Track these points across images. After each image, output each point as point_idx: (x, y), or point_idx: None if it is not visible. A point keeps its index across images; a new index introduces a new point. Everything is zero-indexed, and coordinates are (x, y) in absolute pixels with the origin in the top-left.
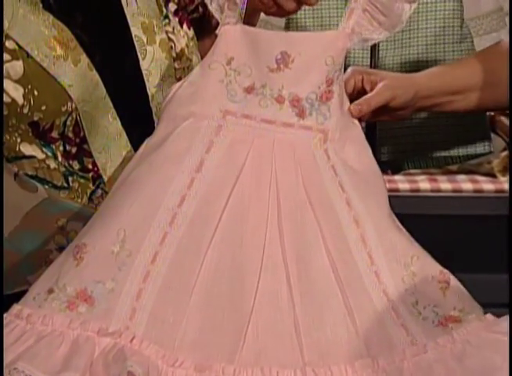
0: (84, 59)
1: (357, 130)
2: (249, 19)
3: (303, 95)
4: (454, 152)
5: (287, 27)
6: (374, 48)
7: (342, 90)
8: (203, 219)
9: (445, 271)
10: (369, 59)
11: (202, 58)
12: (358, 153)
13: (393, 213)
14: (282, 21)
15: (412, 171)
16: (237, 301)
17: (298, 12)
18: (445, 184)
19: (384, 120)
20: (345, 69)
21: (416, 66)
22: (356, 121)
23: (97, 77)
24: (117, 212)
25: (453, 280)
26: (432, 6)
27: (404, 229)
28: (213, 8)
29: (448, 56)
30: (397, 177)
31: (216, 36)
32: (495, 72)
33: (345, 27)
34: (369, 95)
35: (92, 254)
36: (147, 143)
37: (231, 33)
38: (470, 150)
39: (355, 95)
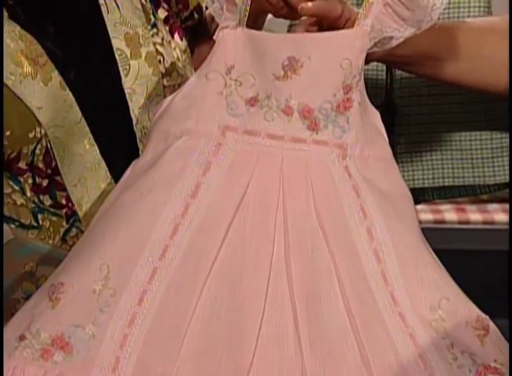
0: (56, 77)
1: (382, 144)
2: (253, 22)
3: (315, 106)
4: (480, 180)
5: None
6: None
7: (363, 97)
8: (198, 253)
9: (484, 316)
10: (384, 69)
11: (197, 69)
12: (384, 171)
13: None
14: (284, 28)
15: (435, 200)
16: (236, 348)
17: None
18: (474, 214)
19: None
20: None
21: (436, 82)
22: (383, 134)
23: (71, 97)
24: (100, 245)
25: (493, 328)
26: (455, 4)
27: (438, 262)
28: (214, 9)
29: None
30: (419, 206)
31: (214, 42)
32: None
33: (363, 24)
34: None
35: (71, 294)
36: (134, 166)
37: (230, 38)
38: (500, 178)
39: None
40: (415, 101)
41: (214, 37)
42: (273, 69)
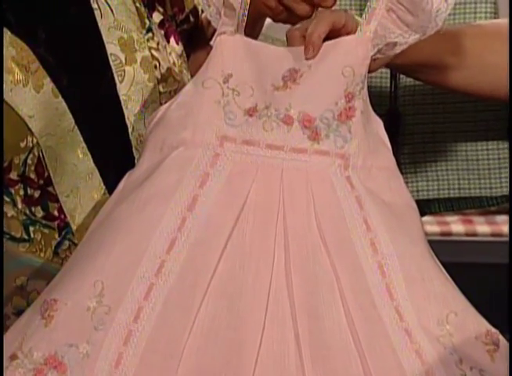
0: (48, 84)
1: (386, 154)
2: (251, 27)
3: (316, 115)
4: (487, 191)
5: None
6: (395, 74)
7: (367, 106)
8: (196, 268)
9: (494, 331)
10: (388, 76)
11: (194, 76)
12: (388, 181)
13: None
14: (283, 34)
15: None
16: (235, 366)
17: None
18: (482, 226)
19: None
20: None
21: (442, 92)
22: (387, 143)
23: (64, 105)
24: (94, 260)
25: (504, 343)
26: (460, 8)
27: (445, 275)
28: (210, 13)
29: None
30: (424, 218)
31: (211, 47)
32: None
33: (366, 30)
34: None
35: (64, 311)
36: (129, 177)
37: (228, 44)
38: (507, 189)
39: None
40: (420, 109)
41: (211, 43)
42: (272, 80)
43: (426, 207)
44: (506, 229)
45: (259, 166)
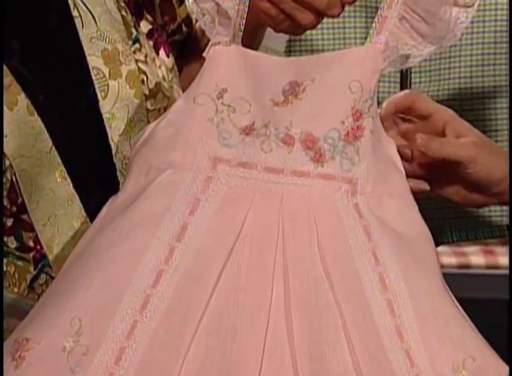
0: (23, 101)
1: (398, 179)
2: (251, 38)
3: (320, 134)
4: (509, 219)
5: (288, 52)
6: (405, 81)
7: (377, 124)
8: (185, 303)
9: None
10: (398, 87)
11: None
12: (400, 210)
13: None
14: (282, 44)
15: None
16: None
17: (305, 34)
18: (504, 258)
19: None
20: None
21: (457, 104)
22: (400, 166)
23: (40, 123)
24: (71, 295)
25: None
26: (479, 26)
27: (463, 314)
28: (205, 22)
29: (499, 93)
30: (440, 248)
31: (204, 59)
32: None
33: (376, 41)
34: (450, 139)
35: (36, 351)
36: (112, 202)
37: (223, 56)
38: None
39: None
40: None
41: (204, 55)
42: (272, 94)
43: (438, 236)
44: None
45: (256, 191)
